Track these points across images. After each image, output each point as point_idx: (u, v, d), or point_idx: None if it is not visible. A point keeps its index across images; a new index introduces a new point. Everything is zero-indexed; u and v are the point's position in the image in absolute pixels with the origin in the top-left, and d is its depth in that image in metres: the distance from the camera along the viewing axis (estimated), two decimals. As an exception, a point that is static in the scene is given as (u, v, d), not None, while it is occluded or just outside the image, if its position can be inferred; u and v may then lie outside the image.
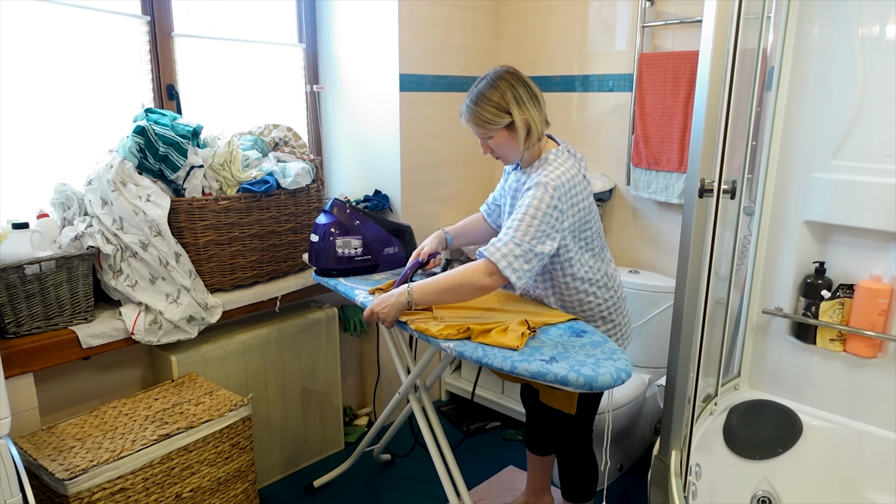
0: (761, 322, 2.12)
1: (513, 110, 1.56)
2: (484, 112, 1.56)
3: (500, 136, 1.59)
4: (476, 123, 1.59)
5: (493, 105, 1.56)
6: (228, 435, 1.81)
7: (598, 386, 1.31)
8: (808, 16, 1.88)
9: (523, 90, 1.57)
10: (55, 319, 1.77)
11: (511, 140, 1.60)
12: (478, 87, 1.59)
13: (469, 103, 1.60)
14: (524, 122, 1.57)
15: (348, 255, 1.97)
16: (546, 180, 1.54)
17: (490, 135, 1.60)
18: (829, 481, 1.94)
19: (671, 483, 1.60)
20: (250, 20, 2.44)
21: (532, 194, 1.54)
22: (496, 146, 1.62)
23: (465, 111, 1.61)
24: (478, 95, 1.58)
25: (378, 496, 2.30)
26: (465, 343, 1.47)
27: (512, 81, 1.57)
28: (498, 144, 1.61)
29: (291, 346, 2.31)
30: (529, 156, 1.65)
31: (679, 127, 2.31)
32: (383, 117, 2.54)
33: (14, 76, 1.85)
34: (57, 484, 1.49)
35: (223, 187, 2.05)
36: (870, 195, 1.83)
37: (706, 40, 1.39)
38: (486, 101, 1.56)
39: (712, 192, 1.42)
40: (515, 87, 1.57)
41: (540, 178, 1.55)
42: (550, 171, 1.56)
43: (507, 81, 1.57)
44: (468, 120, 1.61)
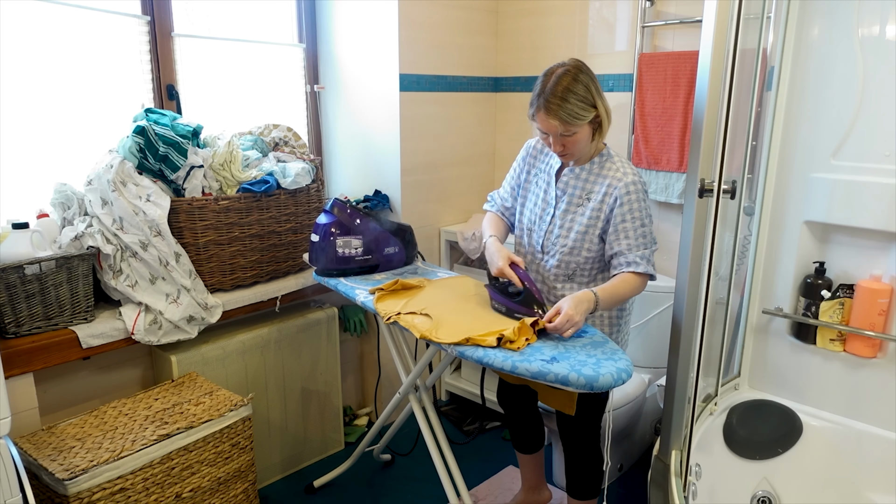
0: (761, 322, 2.12)
1: (598, 103, 1.56)
2: (574, 107, 1.52)
3: (583, 132, 1.57)
4: (565, 120, 1.53)
5: (580, 99, 1.52)
6: (228, 435, 1.81)
7: (599, 386, 1.31)
8: (808, 16, 1.88)
9: (596, 83, 1.57)
10: (55, 319, 1.77)
11: (590, 134, 1.59)
12: (558, 82, 1.52)
13: (556, 99, 1.52)
14: (605, 112, 1.58)
15: (348, 254, 1.97)
16: (635, 179, 1.61)
17: (575, 130, 1.55)
18: (829, 481, 1.94)
19: (671, 483, 1.60)
20: (250, 20, 2.44)
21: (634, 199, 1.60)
22: (576, 142, 1.58)
23: (548, 108, 1.53)
24: (565, 90, 1.52)
25: (378, 496, 2.30)
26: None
27: (590, 73, 1.57)
28: (579, 140, 1.58)
29: (291, 346, 2.31)
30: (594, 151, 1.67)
31: (679, 127, 2.31)
32: (383, 117, 2.54)
33: (14, 76, 1.85)
34: (57, 484, 1.49)
35: (223, 187, 2.05)
36: (870, 195, 1.83)
37: (706, 40, 1.39)
38: (573, 96, 1.52)
39: (712, 192, 1.42)
40: (594, 79, 1.57)
41: (627, 180, 1.60)
42: (629, 170, 1.63)
43: (586, 74, 1.56)
44: (552, 115, 1.53)
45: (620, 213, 1.61)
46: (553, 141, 1.59)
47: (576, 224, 1.68)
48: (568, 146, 1.59)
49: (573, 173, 1.69)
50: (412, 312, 1.64)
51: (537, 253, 1.78)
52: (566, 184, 1.70)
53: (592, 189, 1.65)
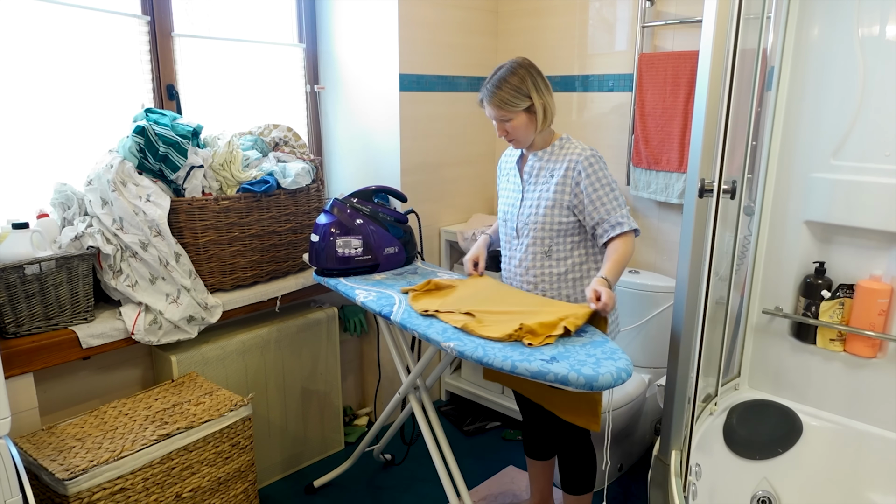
0: (761, 322, 2.12)
1: (532, 94, 1.70)
2: (505, 94, 1.69)
3: (520, 119, 1.72)
4: (498, 105, 1.70)
5: (513, 88, 1.69)
6: (228, 435, 1.81)
7: (599, 386, 1.31)
8: (808, 16, 1.88)
9: (539, 78, 1.73)
10: (55, 319, 1.77)
11: (529, 122, 1.73)
12: (497, 74, 1.71)
13: (490, 87, 1.71)
14: (542, 105, 1.71)
15: (348, 254, 1.97)
16: (592, 153, 1.72)
17: (510, 117, 1.71)
18: (829, 481, 1.94)
19: (671, 483, 1.60)
20: (250, 20, 2.44)
21: (596, 168, 1.71)
22: (513, 128, 1.73)
23: (486, 94, 1.72)
24: (499, 80, 1.70)
25: (378, 496, 2.30)
26: (465, 343, 1.47)
27: (530, 69, 1.72)
28: (515, 126, 1.73)
29: (291, 346, 2.31)
30: (542, 140, 1.79)
31: (679, 127, 2.31)
32: (383, 117, 2.54)
33: (14, 76, 1.85)
34: (57, 484, 1.49)
35: (223, 187, 2.05)
36: (870, 195, 1.83)
37: (706, 40, 1.39)
38: (507, 85, 1.69)
39: (712, 192, 1.42)
40: (533, 75, 1.72)
41: (586, 154, 1.72)
42: (581, 146, 1.75)
43: (525, 69, 1.72)
44: (489, 101, 1.71)
45: (590, 184, 1.70)
46: (497, 126, 1.76)
47: (543, 199, 1.76)
48: (510, 131, 1.75)
49: (535, 157, 1.80)
50: (450, 311, 1.64)
51: (513, 240, 1.86)
52: (531, 167, 1.81)
53: (555, 167, 1.76)
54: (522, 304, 1.69)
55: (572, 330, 1.50)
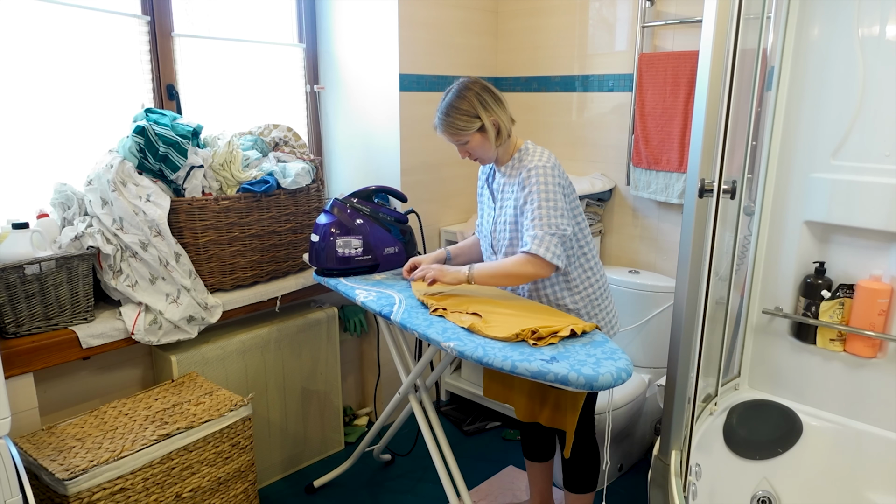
0: (761, 322, 2.12)
1: (481, 114, 1.69)
2: (456, 121, 1.69)
3: (475, 140, 1.72)
4: (451, 133, 1.71)
5: (462, 113, 1.69)
6: (228, 435, 1.81)
7: (599, 386, 1.31)
8: (808, 16, 1.88)
9: (488, 95, 1.70)
10: (55, 319, 1.77)
11: (484, 141, 1.72)
12: (446, 100, 1.71)
13: (441, 115, 1.72)
14: (493, 123, 1.70)
15: (348, 254, 1.97)
16: (538, 164, 1.68)
17: (465, 140, 1.72)
18: (829, 481, 1.94)
19: (671, 483, 1.60)
20: (250, 20, 2.44)
21: (534, 182, 1.66)
22: (472, 149, 1.74)
23: (438, 124, 1.73)
24: (447, 107, 1.70)
25: (378, 496, 2.30)
26: (465, 343, 1.47)
27: (476, 90, 1.70)
28: (473, 147, 1.73)
29: (291, 346, 2.31)
30: (504, 152, 1.77)
31: (679, 127, 2.31)
32: (383, 117, 2.54)
33: (14, 76, 1.85)
34: (57, 484, 1.49)
35: (223, 187, 2.05)
36: (870, 195, 1.83)
37: (706, 40, 1.39)
38: (455, 111, 1.69)
39: (712, 192, 1.42)
40: (481, 94, 1.70)
41: (531, 165, 1.68)
42: (537, 157, 1.70)
43: (471, 90, 1.70)
44: (443, 131, 1.73)
45: (523, 197, 1.69)
46: (458, 150, 1.77)
47: (507, 216, 1.76)
48: (470, 153, 1.75)
49: (500, 173, 1.80)
50: (457, 311, 1.65)
51: (490, 256, 1.88)
52: (499, 182, 1.81)
53: (514, 182, 1.74)
54: (527, 307, 1.69)
55: (578, 332, 1.51)
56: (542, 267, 1.64)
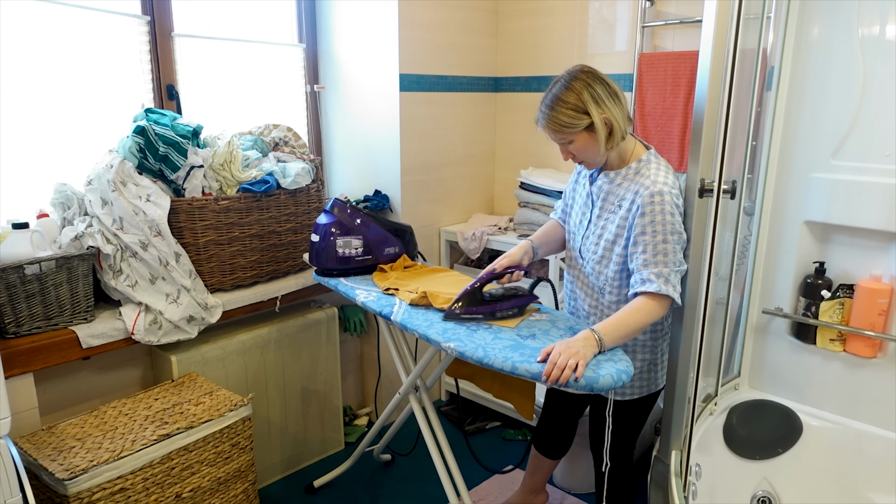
0: (761, 322, 2.12)
1: (591, 110, 1.47)
2: (560, 116, 1.48)
3: (581, 140, 1.51)
4: (554, 129, 1.51)
5: (569, 107, 1.48)
6: (228, 435, 1.81)
7: (599, 387, 1.31)
8: (808, 16, 1.88)
9: (601, 88, 1.48)
10: (55, 319, 1.77)
11: (592, 142, 1.51)
12: (552, 92, 1.51)
13: (544, 109, 1.51)
14: (604, 121, 1.48)
15: (348, 255, 1.97)
16: (663, 188, 1.47)
17: (570, 139, 1.51)
18: (829, 481, 1.94)
19: (671, 483, 1.60)
20: (250, 20, 2.44)
21: (658, 211, 1.46)
22: (577, 150, 1.53)
23: (540, 117, 1.53)
24: (553, 100, 1.49)
25: (378, 496, 2.30)
26: (465, 343, 1.47)
27: (587, 80, 1.49)
28: (579, 149, 1.53)
29: (291, 346, 2.31)
30: (617, 157, 1.57)
31: (679, 127, 2.31)
32: (383, 117, 2.54)
33: (14, 76, 1.85)
34: (57, 484, 1.49)
35: (223, 187, 2.05)
36: (870, 195, 1.83)
37: (706, 40, 1.39)
38: (561, 105, 1.48)
39: (712, 192, 1.42)
40: (592, 86, 1.48)
41: (655, 189, 1.48)
42: (661, 178, 1.49)
43: (582, 81, 1.49)
44: (545, 126, 1.52)
45: (640, 224, 1.48)
46: (560, 150, 1.57)
47: (606, 232, 1.58)
48: (575, 154, 1.55)
49: (607, 178, 1.60)
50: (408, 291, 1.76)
51: (577, 258, 1.70)
52: (600, 188, 1.62)
53: (624, 196, 1.54)
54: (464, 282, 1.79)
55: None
56: (666, 308, 1.48)
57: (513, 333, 1.53)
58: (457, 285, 1.79)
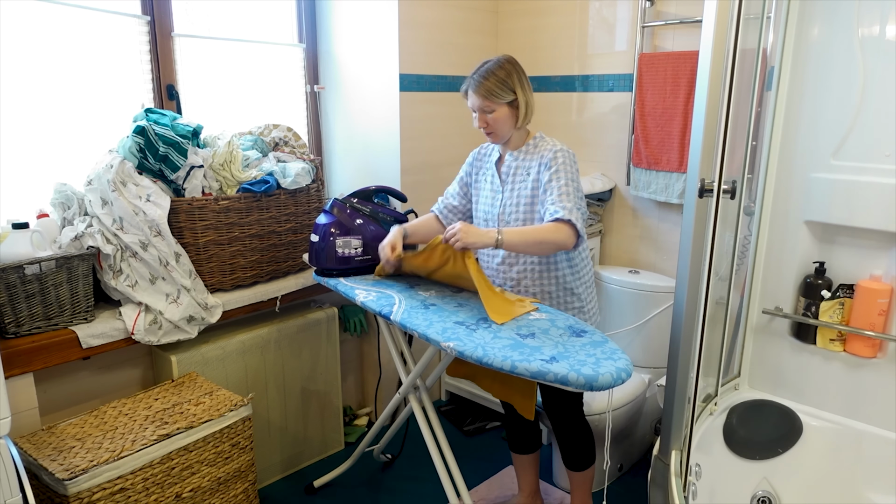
0: (761, 322, 2.12)
1: (517, 89, 1.74)
2: (491, 84, 1.71)
3: (501, 112, 1.74)
4: (483, 95, 1.73)
5: (499, 80, 1.72)
6: (228, 435, 1.81)
7: (599, 386, 1.31)
8: (808, 16, 1.88)
9: (524, 76, 1.77)
10: (55, 319, 1.77)
11: (510, 117, 1.76)
12: (485, 66, 1.75)
13: (477, 77, 1.74)
14: (525, 101, 1.75)
15: (348, 254, 1.97)
16: (563, 148, 1.74)
17: (493, 108, 1.74)
18: (829, 481, 1.94)
19: (671, 483, 1.60)
20: (250, 20, 2.44)
21: (561, 162, 1.71)
22: (494, 120, 1.75)
23: (472, 83, 1.74)
24: (486, 71, 1.73)
25: (378, 496, 2.30)
26: (465, 343, 1.47)
27: (516, 66, 1.76)
28: (496, 119, 1.75)
29: (291, 346, 2.31)
30: (518, 137, 1.82)
31: (679, 127, 2.31)
32: (383, 117, 2.54)
33: (14, 76, 1.85)
34: (57, 484, 1.49)
35: (223, 187, 2.05)
36: (870, 195, 1.83)
37: (706, 40, 1.39)
38: (493, 76, 1.72)
39: (712, 192, 1.42)
40: (519, 72, 1.76)
41: (556, 148, 1.74)
42: (558, 144, 1.76)
43: (511, 65, 1.75)
44: (475, 90, 1.73)
45: (548, 174, 1.72)
46: (477, 117, 1.78)
47: (521, 198, 1.79)
48: (490, 124, 1.76)
49: (512, 157, 1.83)
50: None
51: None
52: (508, 166, 1.84)
53: (531, 165, 1.78)
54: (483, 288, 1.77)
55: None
56: (571, 236, 1.66)
57: (512, 333, 1.53)
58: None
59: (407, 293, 1.82)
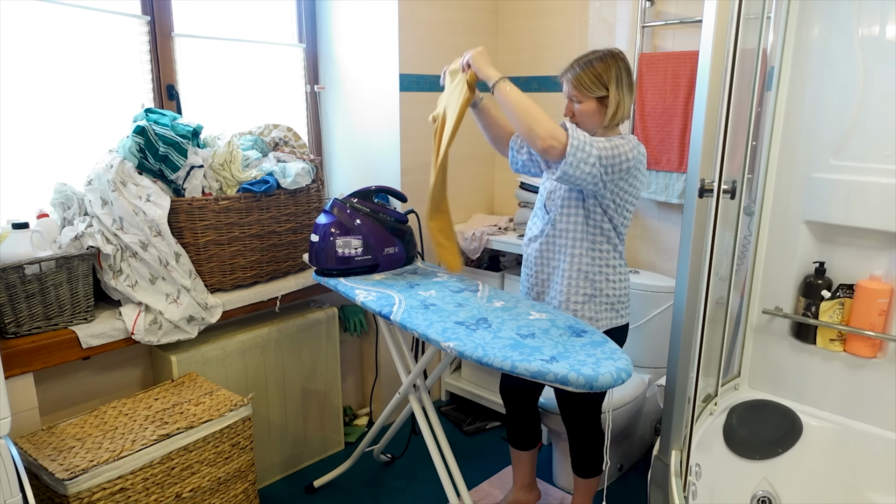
0: (761, 322, 2.12)
1: (610, 86, 1.68)
2: (585, 76, 1.68)
3: (589, 105, 1.71)
4: (574, 84, 1.70)
5: (595, 74, 1.68)
6: (228, 435, 1.81)
7: (599, 386, 1.31)
8: (808, 16, 1.88)
9: (626, 75, 1.70)
10: (55, 319, 1.77)
11: (597, 112, 1.71)
12: (588, 57, 1.71)
13: (576, 65, 1.71)
14: (616, 101, 1.69)
15: (348, 254, 1.97)
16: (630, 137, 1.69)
17: (581, 99, 1.71)
18: (829, 481, 1.94)
19: (671, 483, 1.60)
20: (250, 20, 2.44)
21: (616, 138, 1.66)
22: (581, 112, 1.72)
23: (567, 70, 1.72)
24: (586, 62, 1.70)
25: (378, 496, 2.30)
26: (465, 343, 1.47)
27: (621, 65, 1.70)
28: (582, 111, 1.72)
29: (291, 346, 2.31)
30: (603, 136, 1.73)
31: (679, 127, 2.31)
32: (383, 117, 2.54)
33: (14, 76, 1.85)
34: (57, 484, 1.49)
35: (223, 187, 2.05)
36: (870, 195, 1.83)
37: (706, 40, 1.38)
38: (590, 68, 1.68)
39: (712, 192, 1.42)
40: (620, 68, 1.69)
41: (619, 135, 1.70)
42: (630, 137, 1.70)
43: (615, 60, 1.69)
44: (568, 78, 1.71)
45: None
46: (567, 104, 1.76)
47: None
48: (576, 114, 1.73)
49: None
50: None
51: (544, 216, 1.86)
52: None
53: None
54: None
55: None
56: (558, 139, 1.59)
57: (512, 333, 1.53)
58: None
59: (407, 293, 1.82)
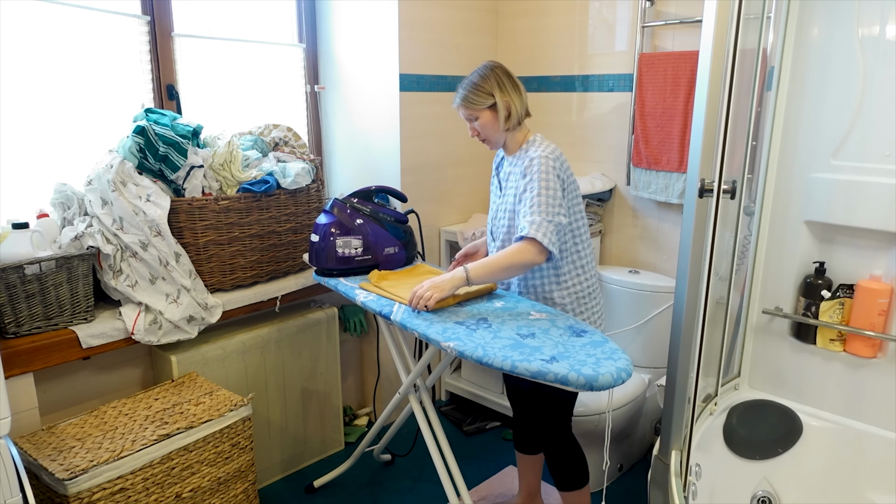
0: (761, 322, 2.12)
1: (495, 93, 1.73)
2: (470, 94, 1.74)
3: (485, 117, 1.75)
4: (465, 106, 1.76)
5: (476, 87, 1.74)
6: (228, 435, 1.81)
7: (599, 385, 1.31)
8: (808, 16, 1.88)
9: (507, 79, 1.75)
10: (55, 319, 1.77)
11: (493, 121, 1.74)
12: (467, 78, 1.77)
13: (460, 89, 1.77)
14: (505, 104, 1.73)
15: (348, 254, 1.97)
16: (542, 154, 1.69)
17: (476, 115, 1.75)
18: (829, 481, 1.94)
19: (671, 483, 1.60)
20: (250, 20, 2.44)
21: (536, 170, 1.67)
22: (482, 127, 1.76)
23: (456, 97, 1.79)
24: (465, 81, 1.77)
25: (378, 496, 2.30)
26: (465, 343, 1.47)
27: (497, 71, 1.76)
28: (482, 125, 1.76)
29: (291, 346, 2.31)
30: (513, 141, 1.79)
31: (679, 127, 2.31)
32: (383, 117, 2.54)
33: (14, 76, 1.85)
34: (57, 484, 1.49)
35: (223, 187, 2.05)
36: (870, 195, 1.83)
37: (706, 40, 1.39)
38: (472, 86, 1.75)
39: (712, 192, 1.42)
40: (498, 75, 1.75)
41: (534, 154, 1.70)
42: (542, 148, 1.72)
43: (490, 70, 1.76)
44: (459, 104, 1.78)
45: (523, 184, 1.70)
46: (469, 128, 1.80)
47: (508, 205, 1.78)
48: (479, 131, 1.78)
49: (508, 162, 1.82)
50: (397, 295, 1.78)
51: (490, 242, 1.90)
52: (505, 172, 1.83)
53: (518, 171, 1.76)
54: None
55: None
56: (538, 253, 1.63)
57: (512, 333, 1.53)
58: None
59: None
